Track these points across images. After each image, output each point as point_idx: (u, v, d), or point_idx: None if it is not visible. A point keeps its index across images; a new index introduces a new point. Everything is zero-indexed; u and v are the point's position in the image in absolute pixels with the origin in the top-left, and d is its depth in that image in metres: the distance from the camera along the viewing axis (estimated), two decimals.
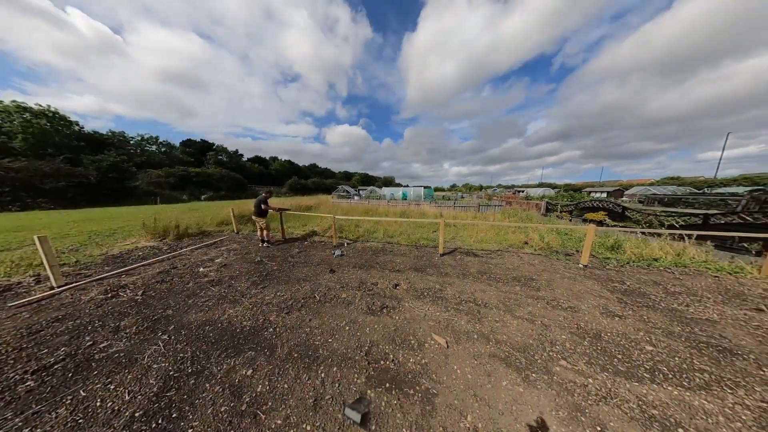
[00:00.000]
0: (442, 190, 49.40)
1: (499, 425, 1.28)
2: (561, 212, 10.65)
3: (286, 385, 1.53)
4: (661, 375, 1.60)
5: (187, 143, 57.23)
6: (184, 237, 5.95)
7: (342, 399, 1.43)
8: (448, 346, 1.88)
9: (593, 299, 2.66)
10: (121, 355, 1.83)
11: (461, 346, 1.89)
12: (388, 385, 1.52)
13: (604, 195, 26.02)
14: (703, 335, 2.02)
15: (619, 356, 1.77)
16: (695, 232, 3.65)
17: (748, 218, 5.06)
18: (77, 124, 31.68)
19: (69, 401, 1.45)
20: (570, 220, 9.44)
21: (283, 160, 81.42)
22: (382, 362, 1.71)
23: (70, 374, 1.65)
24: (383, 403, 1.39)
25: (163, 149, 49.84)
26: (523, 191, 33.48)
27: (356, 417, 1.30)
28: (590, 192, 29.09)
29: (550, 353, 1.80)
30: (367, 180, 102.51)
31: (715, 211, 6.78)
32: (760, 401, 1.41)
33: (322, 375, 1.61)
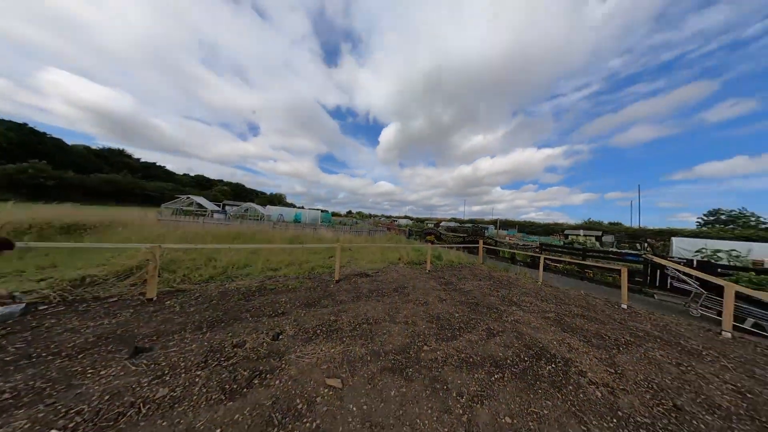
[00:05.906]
0: (339, 215, 50.54)
1: None
2: (415, 236, 16.07)
3: None
4: (461, 330, 2.80)
5: None
6: None
7: None
8: (343, 386, 1.77)
9: (434, 292, 4.09)
10: None
11: (357, 376, 1.88)
12: None
13: (432, 225, 43.50)
14: (471, 299, 3.88)
15: (447, 327, 2.84)
16: (463, 245, 7.22)
17: (471, 237, 11.16)
18: None
19: None
20: (419, 241, 14.22)
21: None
22: None
23: None
24: None
25: None
26: (396, 221, 46.36)
27: None
28: (427, 223, 47.24)
29: (418, 343, 2.43)
30: (241, 193, 73.40)
31: (466, 235, 13.98)
32: (484, 329, 2.92)
33: None
